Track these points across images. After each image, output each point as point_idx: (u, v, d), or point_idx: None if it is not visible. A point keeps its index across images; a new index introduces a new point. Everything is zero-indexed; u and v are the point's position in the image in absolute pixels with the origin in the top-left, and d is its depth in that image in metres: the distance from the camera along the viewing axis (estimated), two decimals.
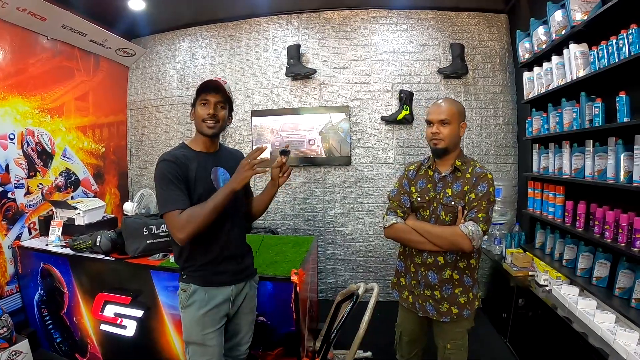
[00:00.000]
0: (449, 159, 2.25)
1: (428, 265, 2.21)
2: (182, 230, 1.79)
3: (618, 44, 2.59)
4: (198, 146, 2.10)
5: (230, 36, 5.13)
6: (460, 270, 2.18)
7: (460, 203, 2.13)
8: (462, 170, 2.19)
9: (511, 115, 4.77)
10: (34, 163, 3.88)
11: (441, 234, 2.10)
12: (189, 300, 2.01)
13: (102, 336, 3.21)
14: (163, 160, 1.94)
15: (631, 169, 2.50)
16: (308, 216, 5.00)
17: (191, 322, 2.02)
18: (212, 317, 2.03)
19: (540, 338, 3.08)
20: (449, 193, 2.18)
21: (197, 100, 2.01)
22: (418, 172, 2.40)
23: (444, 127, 2.17)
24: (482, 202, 2.07)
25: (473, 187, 2.11)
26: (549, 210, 3.57)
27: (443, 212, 2.18)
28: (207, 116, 1.99)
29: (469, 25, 4.79)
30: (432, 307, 2.23)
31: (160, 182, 1.90)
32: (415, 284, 2.31)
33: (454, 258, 2.16)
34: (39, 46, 4.00)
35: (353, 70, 4.87)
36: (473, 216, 2.06)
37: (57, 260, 3.30)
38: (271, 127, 4.90)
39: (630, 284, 2.60)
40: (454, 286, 2.19)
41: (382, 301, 2.64)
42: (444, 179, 2.23)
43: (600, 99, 2.85)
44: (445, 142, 2.17)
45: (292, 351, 2.76)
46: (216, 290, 2.04)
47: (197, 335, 2.01)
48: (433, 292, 2.22)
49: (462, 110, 2.23)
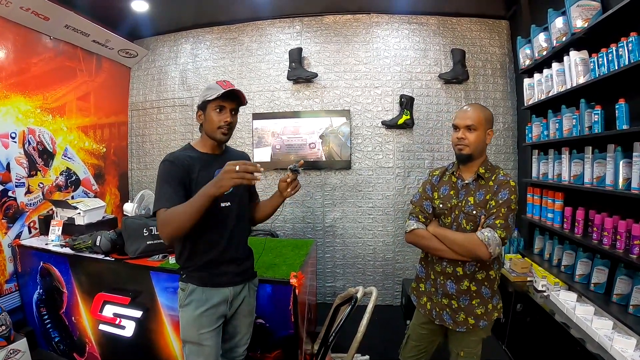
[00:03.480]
0: (473, 165, 2.21)
1: (447, 274, 2.20)
2: (162, 230, 1.81)
3: (618, 51, 2.60)
4: (205, 148, 2.10)
5: (232, 39, 5.14)
6: (479, 282, 2.15)
7: (481, 212, 2.09)
8: (486, 179, 2.16)
9: (511, 121, 4.78)
10: (35, 162, 3.89)
11: (458, 240, 2.06)
12: (187, 299, 2.02)
13: (101, 336, 3.22)
14: (163, 160, 1.96)
15: (630, 176, 2.51)
16: (308, 219, 5.01)
17: (188, 321, 2.03)
18: (209, 318, 2.03)
19: (538, 343, 3.08)
20: (471, 201, 2.15)
21: (209, 104, 1.99)
22: (442, 178, 2.37)
23: (470, 133, 2.13)
24: (501, 208, 2.03)
25: (494, 194, 2.07)
26: (547, 216, 3.58)
27: (464, 221, 2.14)
28: (223, 124, 2.00)
29: (470, 31, 4.81)
30: (448, 316, 2.21)
31: (159, 180, 1.93)
32: (434, 291, 2.30)
33: (472, 269, 2.13)
34: (41, 46, 4.01)
35: (354, 75, 4.88)
36: (490, 222, 2.02)
37: (56, 260, 3.31)
38: (272, 130, 4.91)
39: (628, 290, 2.60)
40: (471, 297, 2.16)
41: (381, 305, 2.65)
42: (467, 187, 2.20)
43: (599, 106, 2.87)
44: (471, 149, 2.14)
45: (290, 354, 2.76)
46: (214, 290, 2.05)
47: (193, 335, 2.02)
48: (450, 301, 2.21)
49: (489, 117, 2.19)
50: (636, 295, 2.49)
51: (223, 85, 1.97)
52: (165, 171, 1.92)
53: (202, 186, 1.84)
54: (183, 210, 1.75)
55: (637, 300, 2.49)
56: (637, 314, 2.48)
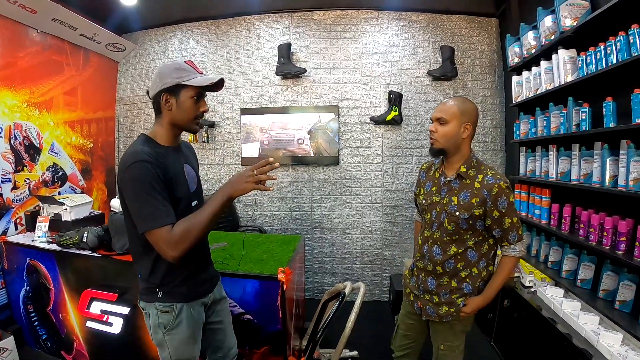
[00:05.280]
0: (454, 162, 2.16)
1: (428, 272, 2.22)
2: (176, 248, 1.57)
3: (606, 50, 2.63)
4: (166, 140, 1.83)
5: (221, 33, 5.11)
6: (461, 279, 2.16)
7: (464, 215, 2.05)
8: (471, 177, 2.09)
9: (499, 119, 4.82)
10: (21, 157, 3.85)
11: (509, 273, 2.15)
12: (177, 320, 1.82)
13: (88, 333, 3.20)
14: (139, 161, 1.60)
15: (616, 174, 2.54)
16: (295, 215, 5.00)
17: (182, 342, 1.85)
18: (200, 328, 1.96)
19: (525, 339, 3.11)
20: (454, 201, 2.10)
21: (184, 89, 1.73)
22: (428, 174, 2.36)
23: (440, 126, 2.10)
24: (512, 218, 2.05)
25: (490, 202, 2.01)
26: (535, 212, 3.61)
27: (447, 220, 2.11)
28: (200, 113, 1.81)
29: (460, 28, 4.82)
30: (432, 310, 2.22)
31: (140, 189, 1.59)
32: (416, 287, 2.33)
33: (452, 267, 2.14)
34: (28, 39, 3.95)
35: (343, 71, 4.88)
36: (517, 238, 2.09)
37: (43, 256, 3.28)
38: (260, 125, 4.89)
39: (614, 286, 2.64)
40: (451, 292, 2.17)
41: (369, 301, 2.66)
42: (449, 184, 2.15)
43: (587, 104, 2.90)
44: (441, 143, 2.10)
45: (278, 350, 2.76)
46: (198, 301, 1.93)
47: (189, 354, 1.90)
48: (432, 296, 2.22)
49: (467, 110, 2.09)
50: (622, 291, 2.52)
51: (195, 68, 1.79)
52: (147, 176, 1.59)
53: (179, 187, 1.76)
54: (204, 221, 1.60)
55: (623, 296, 2.52)
56: (623, 309, 2.52)
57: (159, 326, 1.83)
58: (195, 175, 1.99)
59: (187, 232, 1.58)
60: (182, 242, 1.57)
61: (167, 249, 1.57)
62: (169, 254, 1.58)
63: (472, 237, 2.11)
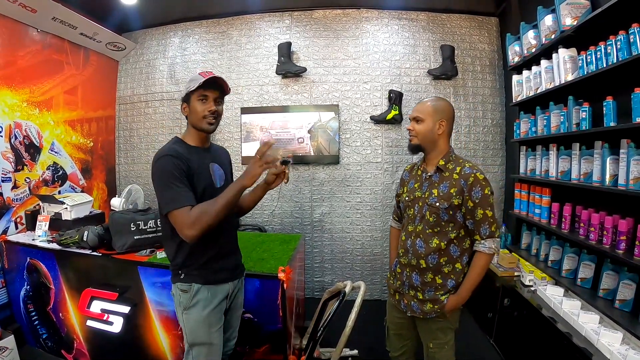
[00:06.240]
0: (433, 157, 2.27)
1: (412, 266, 2.25)
2: (193, 227, 1.74)
3: (606, 49, 2.63)
4: (194, 141, 2.06)
5: (221, 32, 5.11)
6: (445, 275, 2.20)
7: (443, 204, 2.13)
8: (449, 170, 2.19)
9: (499, 118, 4.81)
10: (21, 156, 3.85)
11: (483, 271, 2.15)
12: (193, 300, 1.98)
13: (89, 332, 3.20)
14: (165, 155, 1.87)
15: (617, 173, 2.54)
16: (296, 214, 5.00)
17: (197, 323, 1.99)
18: (217, 315, 2.04)
19: (525, 338, 3.11)
20: (435, 194, 2.18)
21: (192, 94, 1.96)
22: (411, 173, 2.47)
23: (417, 124, 2.23)
24: (486, 211, 2.09)
25: (466, 191, 2.10)
26: (535, 211, 3.61)
27: (428, 212, 2.18)
28: (208, 113, 1.96)
29: (460, 27, 4.82)
30: (417, 306, 2.25)
31: (165, 178, 1.83)
32: (400, 284, 2.35)
33: (435, 262, 2.18)
34: (28, 38, 3.95)
35: (343, 70, 4.88)
36: (488, 233, 2.10)
37: (43, 255, 3.28)
38: (260, 124, 4.89)
39: (614, 285, 2.64)
40: (436, 289, 2.21)
41: (369, 299, 2.66)
42: (430, 179, 2.25)
43: (587, 103, 2.90)
44: (418, 139, 2.24)
45: (278, 348, 2.76)
46: (218, 287, 2.05)
47: (204, 335, 2.00)
48: (417, 292, 2.25)
49: (442, 108, 2.22)
50: (622, 290, 2.53)
51: (205, 75, 1.94)
52: (171, 166, 1.83)
53: (202, 180, 1.93)
54: (220, 205, 1.77)
55: (623, 295, 2.53)
56: (623, 308, 2.52)
57: (180, 305, 2.03)
58: (224, 174, 2.17)
59: (202, 213, 1.75)
60: (197, 222, 1.74)
61: (184, 228, 1.76)
62: (186, 232, 1.76)
63: (454, 230, 2.16)
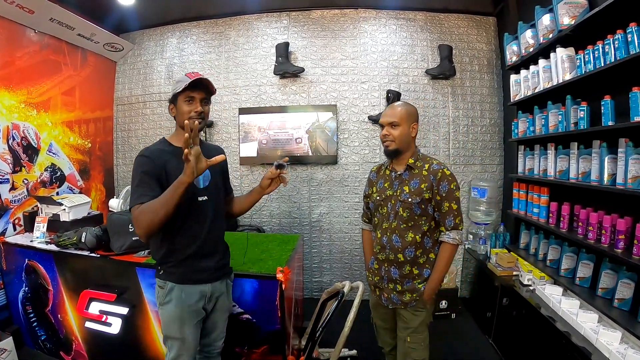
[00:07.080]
0: (404, 158, 2.35)
1: (390, 261, 2.33)
2: (137, 226, 1.78)
3: (604, 48, 2.63)
4: (179, 141, 1.94)
5: (219, 33, 5.11)
6: (420, 266, 2.31)
7: (416, 199, 2.23)
8: (418, 167, 2.30)
9: (497, 117, 4.82)
10: (19, 158, 3.84)
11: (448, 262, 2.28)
12: (167, 297, 2.02)
13: (87, 334, 3.19)
14: (139, 155, 1.93)
15: (615, 172, 2.54)
16: (294, 214, 5.00)
17: (169, 319, 2.02)
18: (190, 314, 2.04)
19: (524, 337, 3.11)
20: (406, 190, 2.27)
21: (179, 96, 1.97)
22: (378, 173, 2.55)
23: (393, 129, 2.29)
24: (452, 205, 2.22)
25: (435, 185, 2.22)
26: (533, 211, 3.61)
27: (401, 208, 2.27)
28: (194, 114, 1.96)
29: (458, 27, 4.83)
30: (397, 298, 2.33)
31: (133, 177, 1.90)
32: (379, 279, 2.42)
33: (412, 255, 2.28)
34: (26, 39, 3.95)
35: (341, 70, 4.88)
36: (452, 224, 2.23)
37: (41, 257, 3.27)
38: (258, 124, 4.88)
39: (612, 284, 2.64)
40: (413, 279, 2.30)
41: (368, 300, 2.66)
42: (400, 177, 2.34)
43: (585, 103, 2.90)
44: (396, 143, 2.29)
45: (277, 349, 2.75)
46: (193, 287, 2.05)
47: (176, 331, 2.02)
48: (395, 285, 2.33)
49: (412, 112, 2.32)
50: (621, 289, 2.53)
51: (191, 76, 1.95)
52: (139, 166, 1.89)
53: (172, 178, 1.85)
54: (156, 202, 1.75)
55: (621, 294, 2.53)
56: (621, 307, 2.53)
57: (157, 299, 2.10)
58: (210, 174, 2.12)
59: (141, 213, 1.77)
60: (137, 221, 1.78)
61: (134, 225, 1.86)
62: (135, 230, 1.82)
63: (426, 223, 2.28)
